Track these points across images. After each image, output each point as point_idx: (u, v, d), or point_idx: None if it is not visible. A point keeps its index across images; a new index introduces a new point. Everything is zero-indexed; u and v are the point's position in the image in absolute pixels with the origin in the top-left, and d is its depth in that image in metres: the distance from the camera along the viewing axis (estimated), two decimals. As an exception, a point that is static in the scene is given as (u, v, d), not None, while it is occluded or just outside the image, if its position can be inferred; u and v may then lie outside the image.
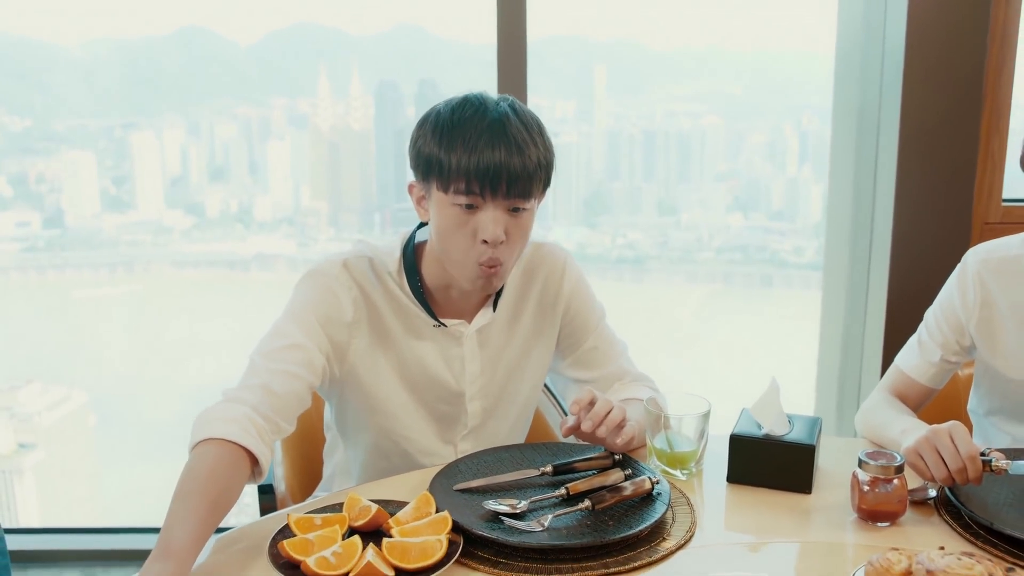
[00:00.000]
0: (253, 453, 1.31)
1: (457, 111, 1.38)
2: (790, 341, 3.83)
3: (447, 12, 3.28)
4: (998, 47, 2.21)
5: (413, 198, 1.46)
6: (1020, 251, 1.53)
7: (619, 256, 4.20)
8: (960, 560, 1.13)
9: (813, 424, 1.46)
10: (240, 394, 1.36)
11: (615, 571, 1.21)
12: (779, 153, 4.02)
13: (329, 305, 1.46)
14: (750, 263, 4.13)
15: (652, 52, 3.84)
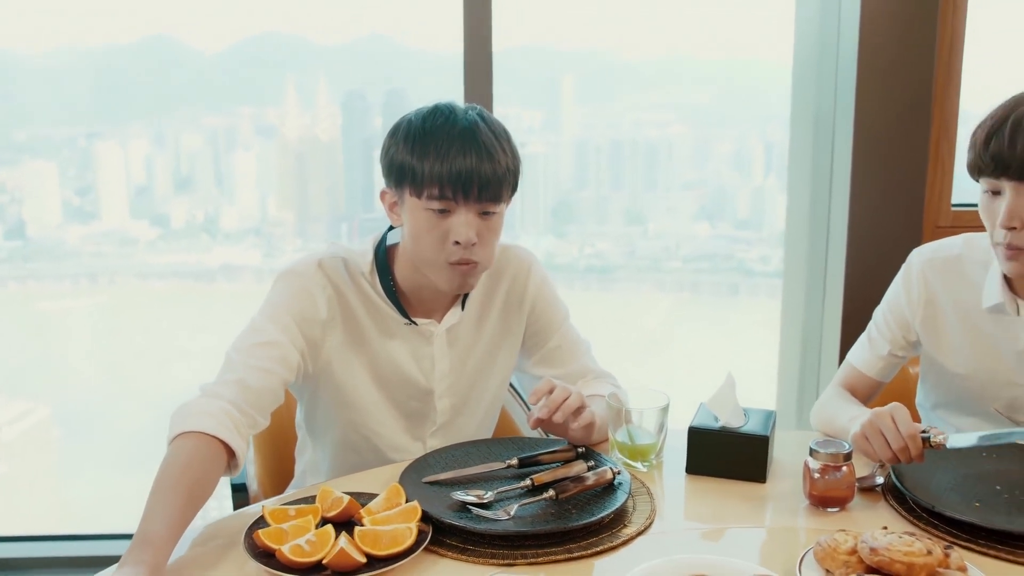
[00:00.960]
0: (229, 445, 1.38)
1: (428, 120, 1.47)
2: (756, 347, 3.93)
3: (414, 22, 3.34)
4: (946, 58, 2.34)
5: (385, 204, 1.55)
6: (961, 251, 1.64)
7: (587, 265, 4.26)
8: (901, 538, 1.23)
9: (768, 417, 1.56)
10: (217, 389, 1.43)
11: (578, 555, 1.29)
12: (745, 162, 4.11)
13: (304, 303, 1.54)
14: (717, 272, 4.21)
15: (619, 62, 3.91)
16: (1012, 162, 1.40)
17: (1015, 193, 1.43)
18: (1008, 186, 1.43)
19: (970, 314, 1.63)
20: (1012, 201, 1.43)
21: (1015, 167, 1.40)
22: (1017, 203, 1.42)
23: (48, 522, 3.31)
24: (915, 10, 2.28)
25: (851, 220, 2.38)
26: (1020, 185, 1.42)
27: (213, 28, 3.52)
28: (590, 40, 3.69)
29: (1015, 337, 1.60)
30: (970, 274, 1.63)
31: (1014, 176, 1.41)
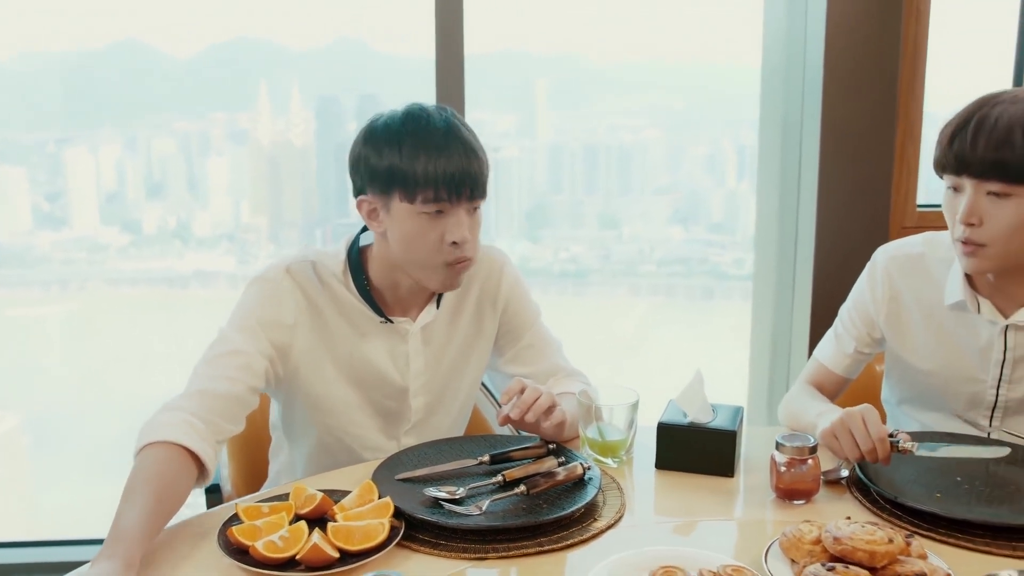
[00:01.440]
0: (195, 452, 1.40)
1: (408, 123, 1.49)
2: (730, 350, 3.97)
3: (387, 26, 3.37)
4: (910, 61, 2.40)
5: (363, 212, 1.55)
6: (923, 249, 1.69)
7: (562, 270, 4.28)
8: (864, 528, 1.27)
9: (736, 412, 1.60)
10: (179, 402, 1.46)
11: (548, 549, 1.32)
12: (718, 166, 4.16)
13: (271, 309, 1.56)
14: (691, 276, 4.24)
15: (593, 66, 3.94)
16: (972, 160, 1.46)
17: (975, 191, 1.48)
18: (968, 183, 1.48)
19: (933, 311, 1.68)
20: (971, 198, 1.48)
21: (975, 165, 1.46)
22: (976, 200, 1.48)
23: (20, 529, 3.29)
24: (879, 15, 2.34)
25: (819, 221, 2.44)
26: (980, 183, 1.47)
27: (185, 33, 3.52)
28: (564, 45, 3.71)
29: (976, 334, 1.65)
30: (933, 272, 1.68)
31: (974, 174, 1.47)
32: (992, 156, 1.44)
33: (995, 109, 1.45)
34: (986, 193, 1.47)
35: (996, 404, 1.67)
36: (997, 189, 1.46)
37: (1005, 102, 1.46)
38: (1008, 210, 1.46)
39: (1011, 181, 1.44)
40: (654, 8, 3.40)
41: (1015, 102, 1.45)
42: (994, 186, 1.46)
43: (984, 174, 1.46)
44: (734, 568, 1.23)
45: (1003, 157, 1.43)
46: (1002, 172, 1.44)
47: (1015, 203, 1.46)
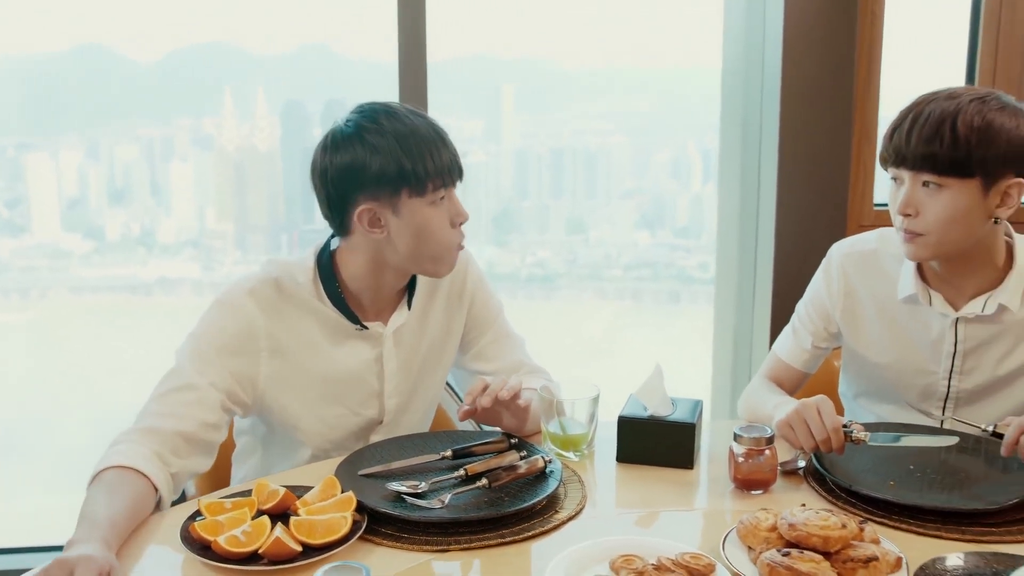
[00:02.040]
0: (150, 478, 1.41)
1: (392, 122, 1.51)
2: (698, 354, 4.01)
3: (352, 31, 3.38)
4: (865, 63, 2.46)
5: (363, 223, 1.53)
6: (876, 246, 1.74)
7: (529, 274, 4.29)
8: (818, 514, 1.30)
9: (695, 405, 1.63)
10: (126, 437, 1.46)
11: (510, 540, 1.34)
12: (684, 170, 4.20)
13: (232, 337, 1.55)
14: (658, 279, 4.28)
15: (559, 71, 3.97)
16: (908, 154, 1.53)
17: (912, 183, 1.55)
18: (907, 176, 1.55)
19: (886, 305, 1.73)
20: (909, 190, 1.55)
21: (910, 158, 1.53)
22: (913, 192, 1.55)
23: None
24: (835, 18, 2.40)
25: (778, 222, 2.49)
26: (915, 175, 1.54)
27: (148, 37, 3.50)
28: (530, 50, 3.74)
29: (928, 327, 1.69)
30: (886, 267, 1.73)
31: (909, 167, 1.54)
32: (924, 149, 1.51)
33: (930, 105, 1.52)
34: (922, 184, 1.54)
35: (948, 395, 1.72)
36: (930, 181, 1.53)
37: (940, 99, 1.53)
38: (942, 201, 1.53)
39: (942, 173, 1.51)
40: (618, 13, 3.44)
41: (949, 99, 1.52)
42: (927, 178, 1.53)
43: (918, 166, 1.53)
44: (692, 555, 1.26)
45: (934, 150, 1.50)
46: (933, 164, 1.51)
47: (948, 194, 1.52)
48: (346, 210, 1.53)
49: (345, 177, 1.50)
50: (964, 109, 1.50)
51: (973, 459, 1.57)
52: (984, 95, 1.53)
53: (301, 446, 1.65)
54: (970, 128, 1.49)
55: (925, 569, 1.24)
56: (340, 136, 1.52)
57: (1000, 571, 1.23)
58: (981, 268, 1.63)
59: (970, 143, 1.49)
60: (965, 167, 1.51)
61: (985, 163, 1.51)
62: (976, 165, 1.50)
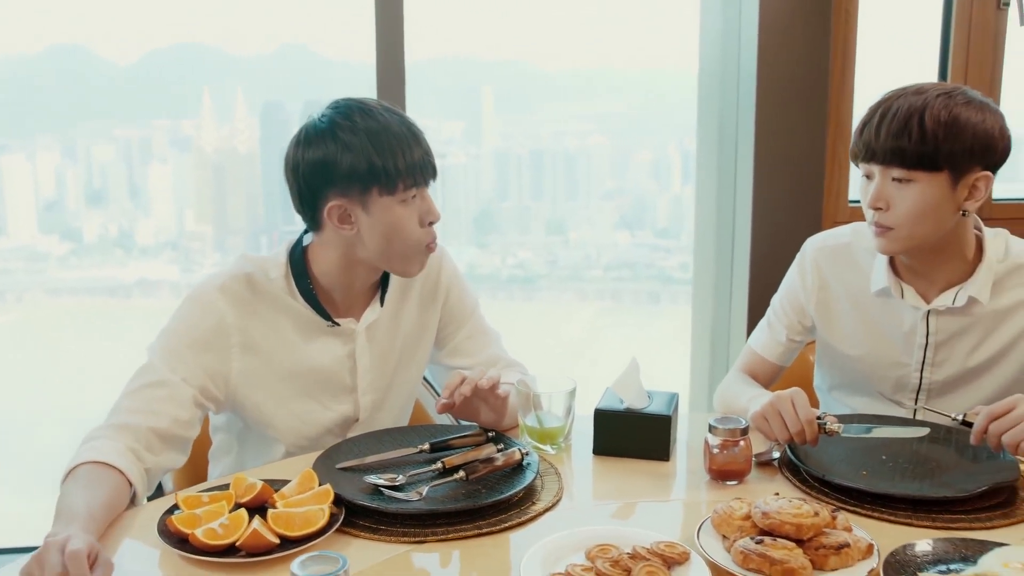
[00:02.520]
0: (125, 473, 1.41)
1: (365, 119, 1.51)
2: (679, 354, 4.04)
3: (330, 32, 3.38)
4: (840, 62, 2.50)
5: (332, 219, 1.54)
6: (850, 239, 1.77)
7: (509, 275, 4.30)
8: (791, 502, 1.32)
9: (671, 398, 1.65)
10: (98, 433, 1.47)
11: (487, 532, 1.35)
12: (663, 171, 4.23)
13: (203, 332, 1.55)
14: (638, 280, 4.30)
15: (539, 72, 3.99)
16: (877, 148, 1.56)
17: (881, 177, 1.58)
18: (877, 170, 1.58)
19: (859, 298, 1.75)
20: (878, 184, 1.58)
21: (879, 153, 1.56)
22: (882, 186, 1.58)
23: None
24: (810, 18, 2.44)
25: (754, 219, 2.52)
26: (886, 170, 1.57)
27: (126, 38, 3.49)
28: (509, 51, 3.75)
29: (900, 319, 1.72)
30: (859, 260, 1.75)
31: (879, 161, 1.57)
32: (893, 144, 1.54)
33: (898, 101, 1.56)
34: (891, 179, 1.57)
35: (920, 387, 1.74)
36: (899, 175, 1.56)
37: (908, 94, 1.56)
38: (911, 195, 1.56)
39: (910, 167, 1.55)
40: (597, 14, 3.46)
41: (917, 94, 1.55)
42: (896, 172, 1.56)
43: (887, 160, 1.56)
44: (667, 544, 1.28)
45: (902, 145, 1.54)
46: (901, 158, 1.54)
47: (916, 188, 1.56)
48: (317, 205, 1.54)
49: (316, 173, 1.51)
50: (931, 104, 1.53)
51: (944, 449, 1.59)
52: (950, 90, 1.56)
53: (276, 443, 1.65)
54: (937, 122, 1.52)
55: (895, 555, 1.26)
56: (313, 131, 1.53)
57: (968, 556, 1.25)
58: (951, 261, 1.66)
59: (937, 137, 1.52)
60: (933, 161, 1.54)
61: (952, 157, 1.54)
62: (944, 159, 1.54)
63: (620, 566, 1.23)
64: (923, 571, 1.23)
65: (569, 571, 1.22)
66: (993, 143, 1.56)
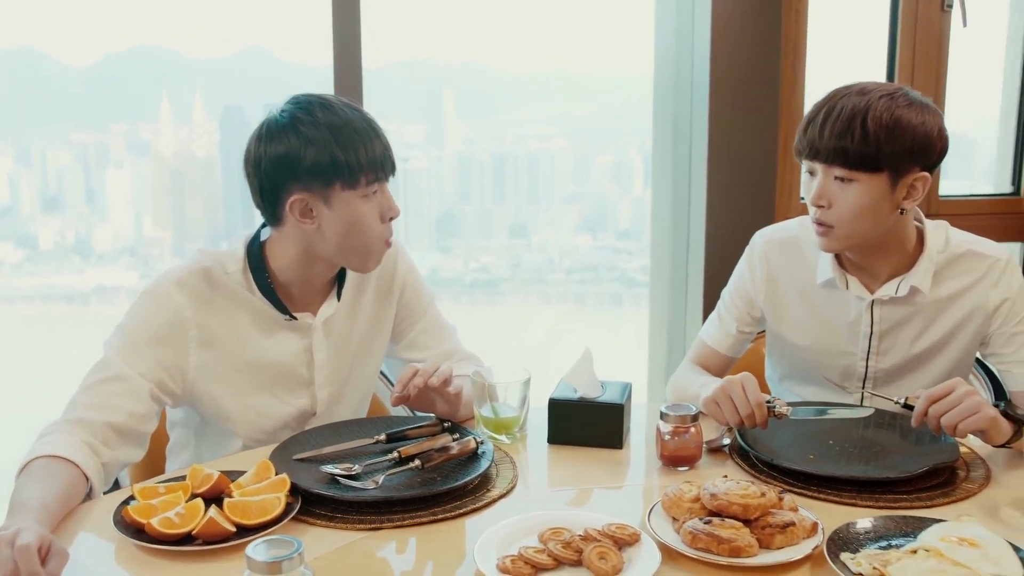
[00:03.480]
0: (80, 466, 1.42)
1: (326, 113, 1.54)
2: (639, 354, 4.08)
3: (290, 35, 3.39)
4: (791, 61, 2.57)
5: (294, 213, 1.56)
6: (797, 232, 1.83)
7: (472, 280, 4.32)
8: (739, 484, 1.37)
9: (624, 387, 1.69)
10: (54, 427, 1.48)
11: (442, 518, 1.39)
12: (625, 175, 4.28)
13: (161, 327, 1.57)
14: (600, 283, 4.34)
15: (500, 76, 4.02)
16: (820, 147, 1.61)
17: (824, 175, 1.63)
18: (820, 168, 1.63)
19: (807, 289, 1.81)
20: (821, 182, 1.64)
21: (822, 152, 1.61)
22: (825, 184, 1.63)
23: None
24: (761, 17, 2.50)
25: (708, 218, 2.59)
26: (828, 168, 1.62)
27: (81, 41, 3.47)
28: (470, 54, 3.78)
29: (845, 310, 1.78)
30: (806, 252, 1.81)
31: (822, 160, 1.62)
32: (835, 144, 1.59)
33: (842, 100, 1.61)
34: (834, 178, 1.62)
35: (866, 375, 1.80)
36: (841, 174, 1.62)
37: (852, 94, 1.61)
38: (852, 194, 1.61)
39: (852, 167, 1.60)
40: (556, 18, 3.50)
41: (860, 94, 1.60)
42: (839, 171, 1.62)
43: (830, 160, 1.61)
44: (618, 526, 1.32)
45: (844, 145, 1.59)
46: (844, 158, 1.60)
47: (857, 187, 1.61)
48: (278, 200, 1.56)
49: (278, 167, 1.53)
50: (874, 105, 1.58)
51: (888, 433, 1.65)
52: (892, 92, 1.62)
53: (233, 437, 1.67)
54: (879, 124, 1.58)
55: (839, 533, 1.31)
56: (275, 126, 1.55)
57: (909, 532, 1.30)
58: (893, 254, 1.72)
59: (879, 139, 1.58)
60: (875, 162, 1.59)
61: (893, 158, 1.59)
62: (884, 160, 1.59)
63: (572, 548, 1.27)
64: (865, 547, 1.28)
65: (522, 553, 1.25)
66: (932, 145, 1.62)
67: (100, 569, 1.28)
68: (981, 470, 1.54)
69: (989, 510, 1.42)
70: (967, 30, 2.67)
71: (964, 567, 1.19)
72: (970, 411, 1.48)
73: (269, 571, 1.10)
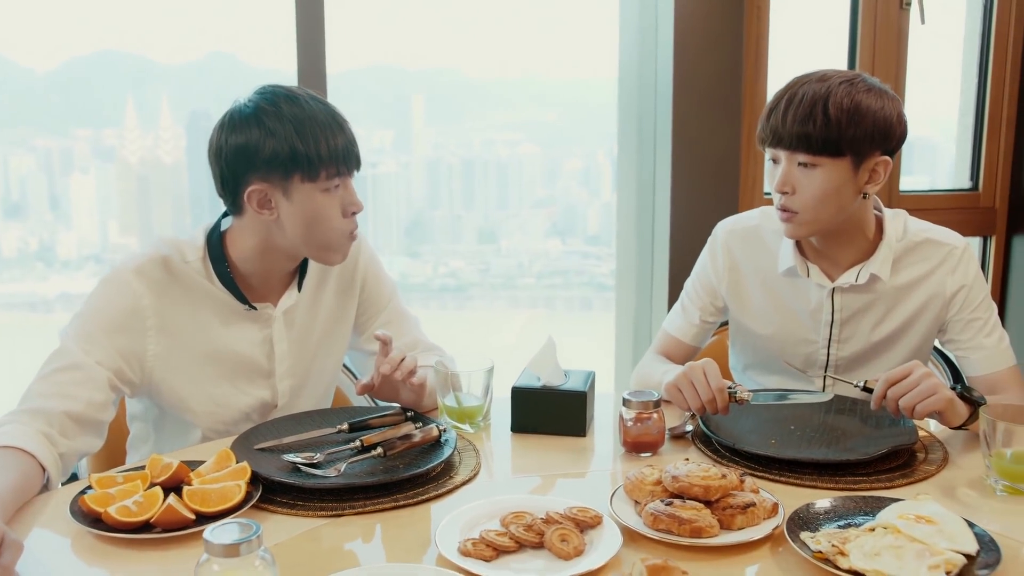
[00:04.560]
0: (36, 456, 1.41)
1: (289, 105, 1.53)
2: (608, 358, 4.09)
3: (257, 40, 3.39)
4: (753, 58, 2.61)
5: (252, 204, 1.56)
6: (758, 222, 1.85)
7: (442, 285, 4.32)
8: (700, 466, 1.38)
9: (587, 376, 1.70)
10: (11, 418, 1.47)
11: (404, 504, 1.38)
12: (593, 179, 4.30)
13: (118, 314, 1.56)
14: (570, 287, 4.35)
15: (469, 81, 4.03)
16: (783, 134, 1.63)
17: (788, 162, 1.66)
18: (783, 155, 1.66)
19: (768, 278, 1.83)
20: (785, 169, 1.66)
21: (787, 139, 1.64)
22: (789, 171, 1.65)
23: None
24: (723, 18, 2.54)
25: (673, 217, 2.61)
26: (792, 155, 1.65)
27: (44, 45, 3.44)
28: (439, 60, 3.79)
29: (807, 298, 1.80)
30: (768, 241, 1.83)
31: (785, 146, 1.64)
32: (798, 130, 1.62)
33: (803, 88, 1.63)
34: (797, 164, 1.65)
35: (828, 363, 1.83)
36: (805, 160, 1.64)
37: (812, 81, 1.64)
38: (816, 179, 1.64)
39: (815, 152, 1.63)
40: (523, 23, 3.52)
41: (820, 81, 1.63)
42: (802, 157, 1.64)
43: (793, 146, 1.63)
44: (580, 509, 1.32)
45: (807, 131, 1.62)
46: (807, 144, 1.62)
47: (821, 173, 1.64)
48: (238, 190, 1.56)
49: (238, 157, 1.53)
50: (835, 91, 1.62)
51: (849, 418, 1.67)
52: (852, 78, 1.65)
53: (192, 428, 1.66)
54: (840, 109, 1.61)
55: (799, 513, 1.32)
56: (239, 116, 1.55)
57: (868, 511, 1.32)
58: (854, 241, 1.75)
59: (840, 124, 1.61)
60: (837, 146, 1.62)
61: (855, 142, 1.62)
62: (846, 144, 1.62)
63: (534, 530, 1.27)
64: (825, 526, 1.29)
65: (483, 536, 1.26)
66: (892, 129, 1.65)
67: (57, 560, 1.26)
68: (939, 452, 1.56)
69: (946, 490, 1.44)
70: (926, 28, 2.72)
71: (921, 542, 1.21)
72: (927, 392, 1.51)
73: (227, 554, 1.09)
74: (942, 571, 1.16)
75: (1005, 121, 2.83)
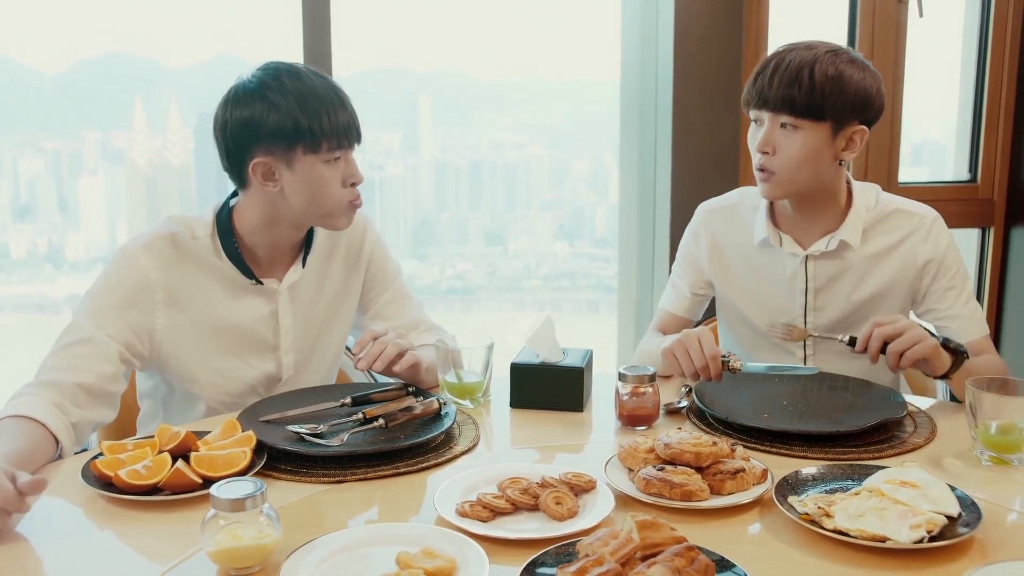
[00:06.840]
0: (48, 426, 1.49)
1: (293, 80, 1.62)
2: (615, 360, 4.12)
3: (265, 42, 3.46)
4: (752, 53, 2.68)
5: (256, 176, 1.64)
6: (736, 200, 1.97)
7: (449, 287, 4.36)
8: (692, 434, 1.44)
9: (585, 353, 1.77)
10: (25, 390, 1.55)
11: (405, 471, 1.45)
12: (600, 181, 4.35)
13: (127, 290, 1.65)
14: (577, 290, 4.39)
15: (476, 83, 4.08)
16: (769, 96, 1.73)
17: (770, 123, 1.75)
18: (766, 116, 1.75)
19: (746, 251, 1.93)
20: (767, 130, 1.75)
21: (770, 100, 1.73)
22: (771, 131, 1.75)
23: None
24: (723, 12, 2.61)
25: (673, 215, 2.68)
26: (775, 116, 1.74)
27: (52, 48, 3.50)
28: (446, 62, 3.85)
29: (782, 267, 1.90)
30: (744, 217, 1.94)
31: (770, 108, 1.74)
32: (784, 92, 1.71)
33: (790, 54, 1.73)
34: (780, 125, 1.73)
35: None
36: (787, 121, 1.74)
37: (800, 48, 1.74)
38: (797, 141, 1.73)
39: (799, 115, 1.72)
40: (527, 26, 3.58)
41: (807, 49, 1.73)
42: (785, 118, 1.73)
43: (777, 108, 1.72)
44: (574, 474, 1.39)
45: (792, 94, 1.71)
46: (791, 107, 1.71)
47: (802, 135, 1.73)
48: (243, 163, 1.64)
49: (243, 131, 1.62)
50: (820, 59, 1.72)
51: (841, 394, 1.74)
52: (837, 49, 1.76)
53: (199, 402, 1.74)
54: (825, 76, 1.71)
55: (787, 479, 1.38)
56: (243, 91, 1.63)
57: (855, 478, 1.38)
58: (826, 208, 1.85)
59: (824, 90, 1.71)
60: (819, 111, 1.72)
61: (836, 109, 1.72)
62: (828, 111, 1.72)
63: (529, 493, 1.33)
64: (812, 491, 1.35)
65: (480, 498, 1.32)
66: (871, 100, 1.75)
67: (69, 521, 1.33)
68: (927, 426, 1.62)
69: (934, 461, 1.50)
70: (925, 21, 2.79)
71: (904, 504, 1.27)
72: (915, 339, 1.60)
73: (233, 508, 1.16)
74: (923, 530, 1.22)
75: (1004, 113, 2.90)
